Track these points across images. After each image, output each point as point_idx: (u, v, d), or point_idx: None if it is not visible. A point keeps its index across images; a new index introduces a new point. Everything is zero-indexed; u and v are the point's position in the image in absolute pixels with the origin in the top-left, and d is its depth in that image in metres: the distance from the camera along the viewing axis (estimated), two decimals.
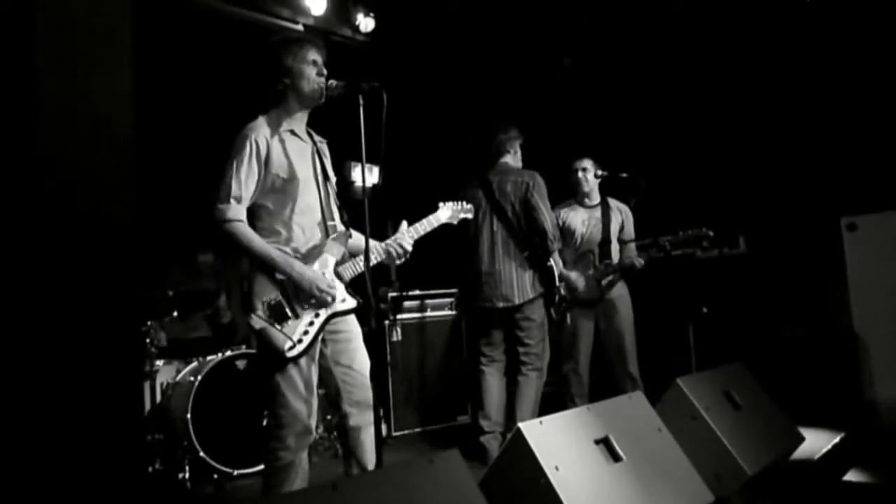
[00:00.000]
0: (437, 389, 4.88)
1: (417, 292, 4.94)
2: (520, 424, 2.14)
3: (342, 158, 4.77)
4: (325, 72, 2.52)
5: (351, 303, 2.53)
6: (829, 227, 4.28)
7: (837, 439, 3.57)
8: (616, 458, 2.29)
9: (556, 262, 3.88)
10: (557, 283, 3.89)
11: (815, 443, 3.47)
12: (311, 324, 2.42)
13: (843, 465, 3.39)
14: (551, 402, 4.02)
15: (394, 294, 4.83)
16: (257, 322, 2.35)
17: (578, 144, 4.47)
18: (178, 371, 3.97)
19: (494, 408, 3.85)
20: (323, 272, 2.47)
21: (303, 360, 2.39)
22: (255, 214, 2.45)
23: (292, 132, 2.52)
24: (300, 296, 2.41)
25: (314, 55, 2.51)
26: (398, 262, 2.65)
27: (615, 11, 5.22)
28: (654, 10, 5.03)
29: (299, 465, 2.41)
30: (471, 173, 4.05)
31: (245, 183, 2.38)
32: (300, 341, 2.38)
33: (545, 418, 2.26)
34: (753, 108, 4.79)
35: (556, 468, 2.06)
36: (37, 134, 1.90)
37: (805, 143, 4.55)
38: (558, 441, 2.18)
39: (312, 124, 2.64)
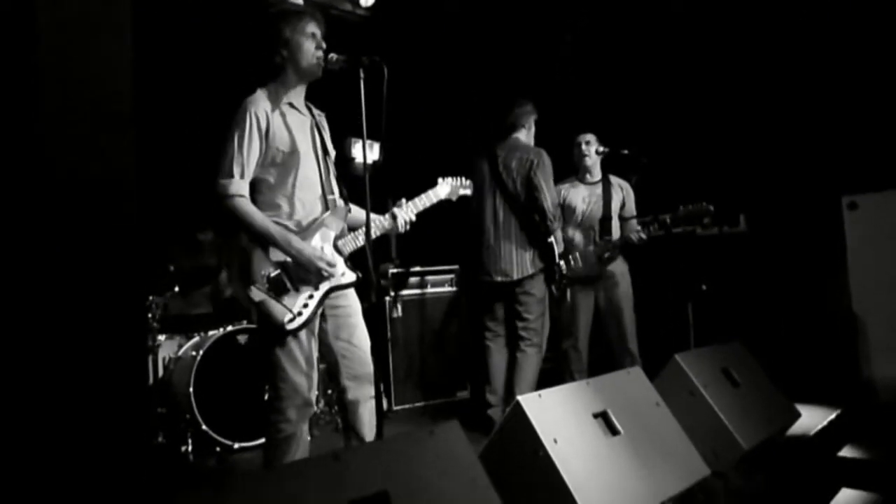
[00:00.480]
0: (437, 365, 4.91)
1: (418, 269, 4.95)
2: (519, 397, 2.15)
3: (342, 133, 4.74)
4: (324, 45, 2.50)
5: (350, 276, 2.54)
6: (830, 206, 4.27)
7: (833, 416, 3.61)
8: (614, 431, 2.31)
9: (556, 242, 3.88)
10: (557, 261, 3.89)
11: (812, 419, 3.50)
12: (311, 297, 2.43)
13: (838, 440, 3.43)
14: (550, 379, 4.02)
15: (394, 270, 4.84)
16: (257, 294, 2.36)
17: (580, 121, 4.44)
18: (180, 346, 4.00)
19: (501, 382, 3.89)
20: (322, 246, 2.48)
21: (302, 334, 2.41)
22: (255, 188, 2.45)
23: (291, 105, 2.51)
24: (300, 272, 2.42)
25: (313, 28, 2.49)
26: (401, 230, 2.67)
27: None
28: None
29: (300, 437, 2.43)
30: (479, 145, 4.03)
31: (247, 157, 2.38)
32: (300, 314, 2.39)
33: (544, 392, 2.28)
34: (755, 86, 4.76)
35: (555, 441, 2.07)
36: (36, 110, 1.88)
37: (806, 122, 4.53)
38: (557, 414, 2.19)
39: (312, 98, 2.63)
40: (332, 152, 2.64)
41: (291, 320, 2.37)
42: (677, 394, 2.75)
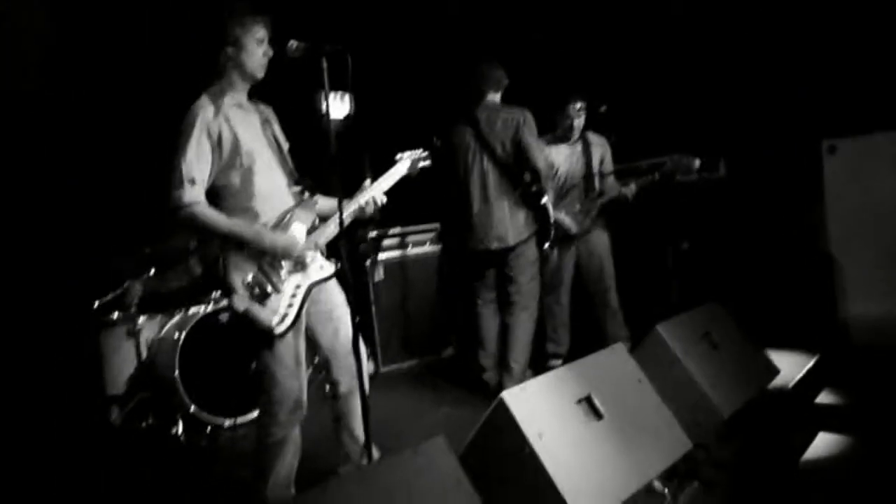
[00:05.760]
0: (422, 324, 4.92)
1: (398, 230, 4.88)
2: (503, 394, 2.15)
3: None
4: (270, 53, 2.41)
5: (329, 269, 2.49)
6: (810, 150, 4.24)
7: (811, 363, 3.68)
8: (598, 416, 2.34)
9: (549, 201, 3.82)
10: (552, 221, 3.82)
11: (791, 368, 3.56)
12: (294, 296, 2.39)
13: (815, 388, 3.52)
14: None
15: (374, 233, 4.77)
16: (240, 303, 2.31)
17: (550, 74, 4.30)
18: (162, 326, 3.95)
19: (495, 345, 3.90)
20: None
21: (289, 334, 2.38)
22: (218, 195, 2.36)
23: (238, 105, 2.41)
24: (276, 265, 2.37)
25: (263, 34, 2.38)
26: (370, 214, 2.63)
27: None
28: None
29: (291, 439, 2.46)
30: (456, 111, 3.89)
31: (197, 164, 2.27)
32: (286, 315, 2.36)
33: (528, 384, 2.29)
34: (733, 30, 4.60)
35: (540, 436, 2.09)
36: None
37: (785, 65, 4.42)
38: (541, 406, 2.20)
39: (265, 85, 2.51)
40: (286, 144, 2.55)
41: (280, 322, 2.34)
42: (658, 365, 2.78)
